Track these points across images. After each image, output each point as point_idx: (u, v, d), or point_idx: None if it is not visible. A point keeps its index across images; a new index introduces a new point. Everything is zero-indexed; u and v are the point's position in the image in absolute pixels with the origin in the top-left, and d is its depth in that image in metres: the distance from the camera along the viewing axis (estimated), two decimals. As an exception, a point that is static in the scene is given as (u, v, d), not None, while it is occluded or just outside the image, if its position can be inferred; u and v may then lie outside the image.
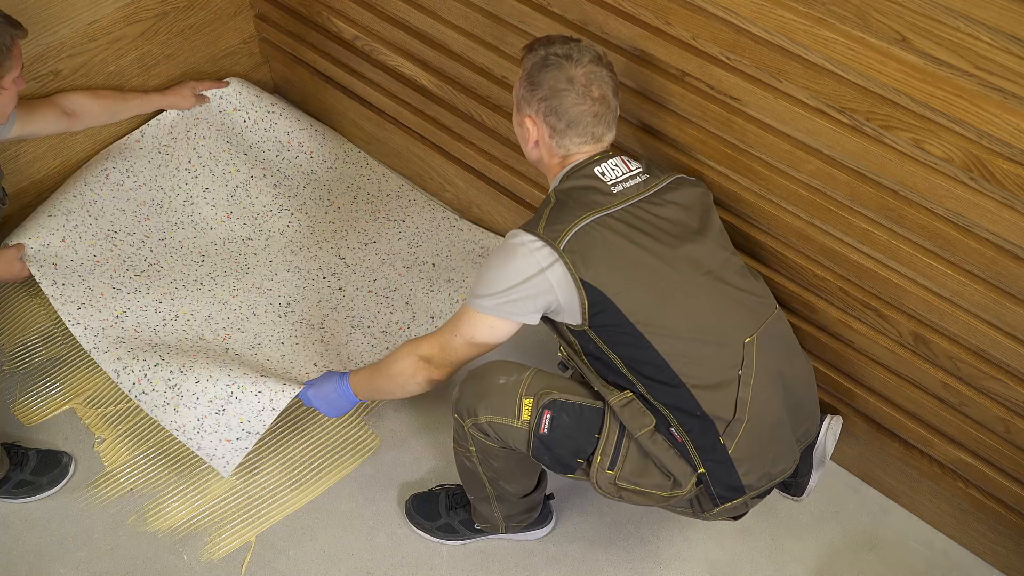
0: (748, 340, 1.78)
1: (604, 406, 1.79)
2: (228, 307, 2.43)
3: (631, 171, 1.82)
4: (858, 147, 1.72)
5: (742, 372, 1.76)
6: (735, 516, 1.90)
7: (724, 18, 1.77)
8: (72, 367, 2.43)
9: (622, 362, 1.76)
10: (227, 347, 2.32)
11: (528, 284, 1.73)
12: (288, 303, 2.49)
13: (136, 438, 2.32)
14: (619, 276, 1.72)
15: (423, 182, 2.81)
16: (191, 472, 2.27)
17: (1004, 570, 2.14)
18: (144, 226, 2.54)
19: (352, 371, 2.06)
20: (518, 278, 1.73)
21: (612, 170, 1.81)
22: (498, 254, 1.77)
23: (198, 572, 2.13)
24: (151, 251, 2.50)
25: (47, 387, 2.41)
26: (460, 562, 2.15)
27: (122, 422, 2.34)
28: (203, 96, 2.72)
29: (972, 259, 1.72)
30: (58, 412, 2.37)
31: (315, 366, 2.33)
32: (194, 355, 2.23)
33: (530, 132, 1.85)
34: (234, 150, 2.71)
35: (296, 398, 2.14)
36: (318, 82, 2.85)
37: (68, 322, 2.26)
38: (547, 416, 1.77)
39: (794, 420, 1.87)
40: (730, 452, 1.75)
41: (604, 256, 1.72)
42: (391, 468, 2.30)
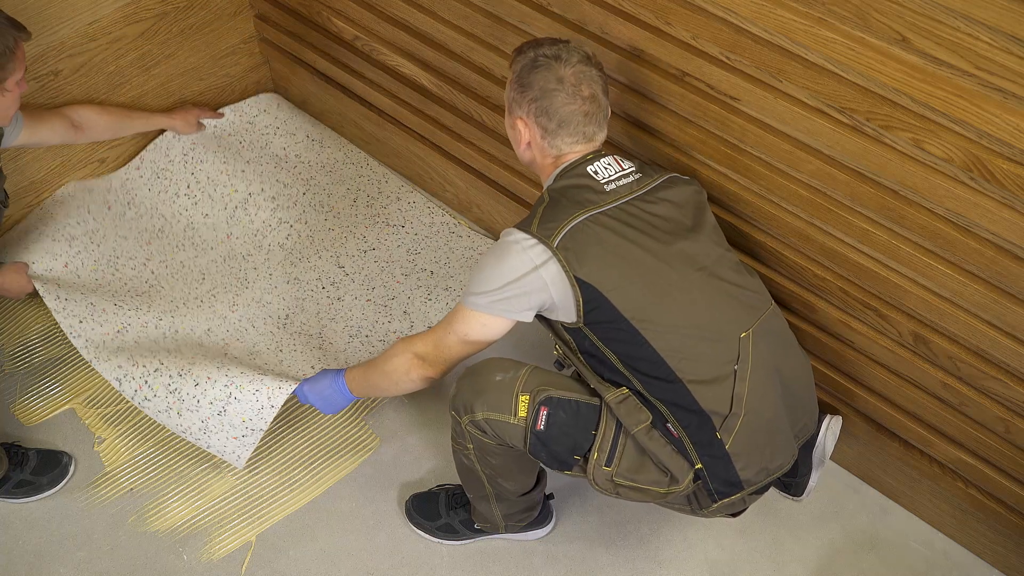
0: (744, 335, 1.78)
1: (600, 403, 1.80)
2: (227, 321, 2.45)
3: (624, 170, 1.83)
4: (858, 147, 1.72)
5: (738, 367, 1.76)
6: (733, 513, 1.90)
7: (724, 18, 1.77)
8: (72, 367, 2.43)
9: (618, 359, 1.76)
10: (225, 353, 2.33)
11: (521, 282, 1.73)
12: (287, 315, 2.50)
13: (136, 438, 2.32)
14: (613, 273, 1.72)
15: (423, 182, 2.81)
16: (191, 472, 2.27)
17: (1004, 570, 2.14)
18: (146, 250, 2.57)
19: (348, 368, 2.06)
20: (512, 276, 1.74)
21: (605, 169, 1.81)
22: (492, 252, 1.78)
23: (198, 572, 2.13)
24: (152, 272, 2.53)
25: (47, 387, 2.41)
26: (460, 562, 2.15)
27: (122, 422, 2.34)
28: (201, 124, 2.77)
29: (972, 259, 1.72)
30: (58, 412, 2.37)
31: (312, 368, 2.35)
32: (192, 358, 2.25)
33: (522, 134, 1.85)
34: (231, 170, 2.74)
35: (293, 395, 2.15)
36: (318, 82, 2.85)
37: (70, 334, 2.28)
38: (543, 413, 1.77)
39: (792, 415, 1.87)
40: (727, 447, 1.75)
41: (598, 253, 1.72)
42: (391, 468, 2.30)
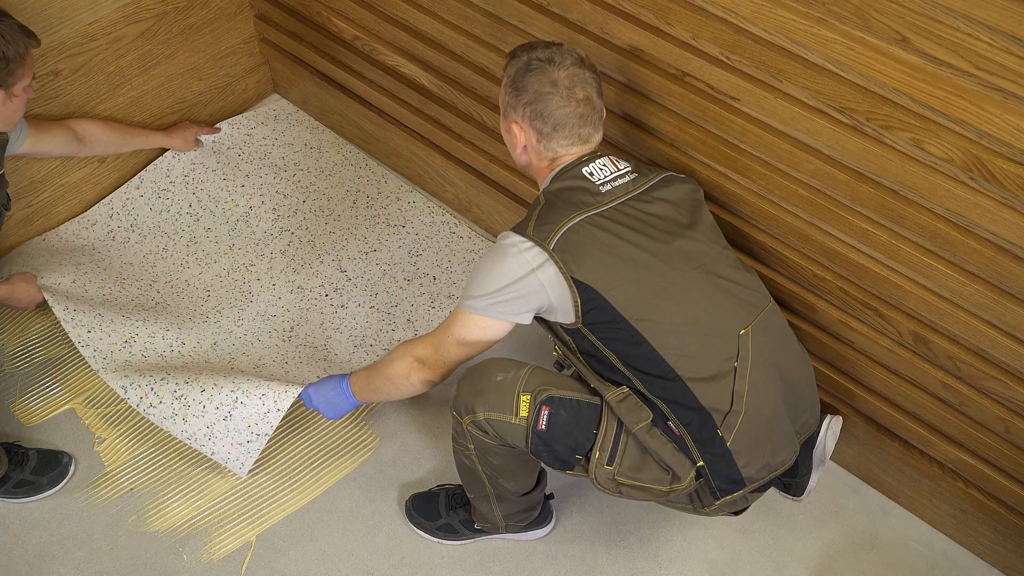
0: (743, 332, 1.78)
1: (602, 402, 1.80)
2: (233, 336, 2.46)
3: (619, 170, 1.83)
4: (858, 147, 1.72)
5: (738, 364, 1.76)
6: (735, 511, 1.90)
7: (724, 18, 1.77)
8: (72, 367, 2.43)
9: (617, 358, 1.76)
10: (232, 367, 2.34)
11: (519, 284, 1.74)
12: (292, 327, 2.51)
13: (136, 438, 2.32)
14: (610, 272, 1.73)
15: (423, 182, 2.81)
16: (191, 472, 2.27)
17: (1004, 570, 2.14)
18: (151, 272, 2.60)
19: (352, 372, 2.07)
20: (509, 279, 1.74)
21: (600, 170, 1.81)
22: (489, 255, 1.78)
23: (198, 572, 2.13)
24: (158, 292, 2.55)
25: (47, 387, 2.41)
26: (460, 562, 2.15)
27: (122, 422, 2.34)
28: (198, 141, 2.79)
29: (972, 259, 1.72)
30: (58, 412, 2.37)
31: (317, 378, 2.35)
32: (199, 369, 2.27)
33: (517, 137, 1.86)
34: (231, 185, 2.77)
35: (298, 399, 2.15)
36: (318, 82, 2.85)
37: (78, 344, 2.29)
38: (545, 412, 1.77)
39: (792, 411, 1.87)
40: (729, 444, 1.75)
41: (594, 254, 1.73)
42: (391, 468, 2.30)
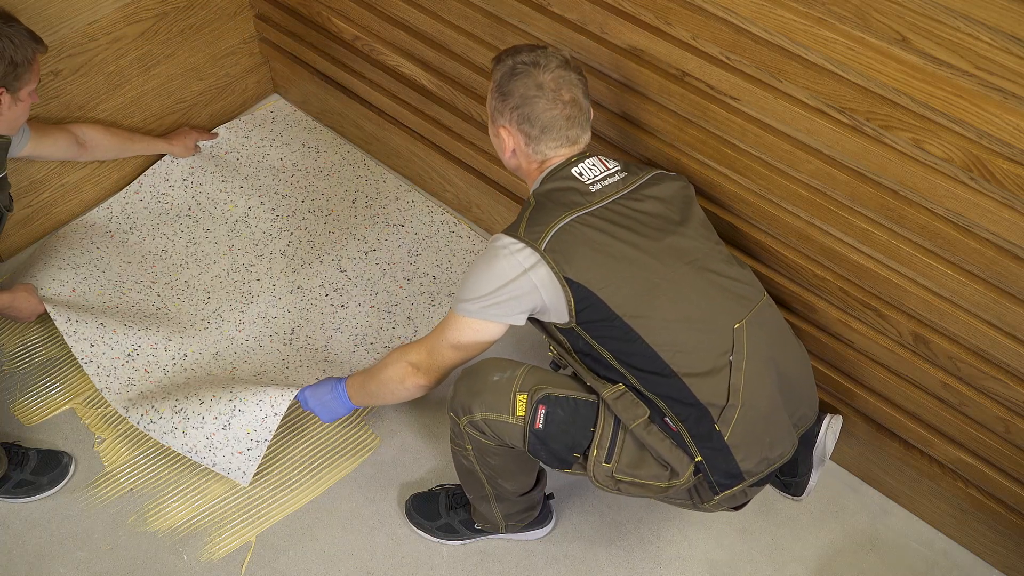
0: (737, 326, 1.78)
1: (598, 399, 1.80)
2: (235, 342, 2.46)
3: (609, 170, 1.84)
4: (858, 147, 1.72)
5: (733, 358, 1.77)
6: (735, 506, 1.90)
7: (724, 18, 1.77)
8: (72, 367, 2.43)
9: (612, 356, 1.77)
10: (233, 377, 2.35)
11: (512, 286, 1.74)
12: (292, 329, 2.51)
13: (136, 438, 2.32)
14: (602, 271, 1.73)
15: (423, 182, 2.81)
16: (191, 472, 2.27)
17: (1004, 570, 2.14)
18: (150, 273, 2.59)
19: (349, 376, 2.07)
20: (501, 280, 1.75)
21: (589, 170, 1.82)
22: (481, 258, 1.79)
23: (198, 572, 2.13)
24: (158, 295, 2.54)
25: (47, 387, 2.41)
26: (460, 562, 2.15)
27: (122, 422, 2.34)
28: (197, 147, 2.81)
29: (972, 259, 1.72)
30: (58, 412, 2.37)
31: (316, 379, 2.35)
32: (199, 384, 2.27)
33: (506, 142, 1.87)
34: (230, 187, 2.78)
35: (295, 401, 2.15)
36: (318, 82, 2.85)
37: (82, 361, 2.29)
38: (542, 411, 1.78)
39: (789, 405, 1.87)
40: (726, 439, 1.75)
41: (586, 252, 1.73)
42: (391, 468, 2.30)
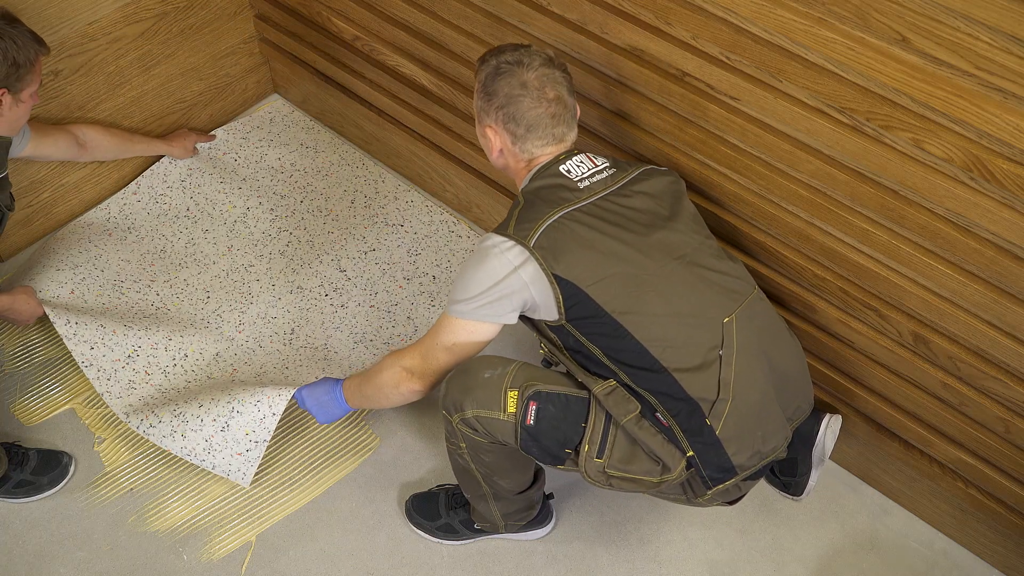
0: (727, 320, 1.79)
1: (589, 395, 1.80)
2: (235, 343, 2.45)
3: (597, 166, 1.84)
4: (858, 147, 1.72)
5: (723, 352, 1.77)
6: (730, 501, 1.90)
7: (724, 18, 1.77)
8: (72, 367, 2.43)
9: (602, 353, 1.77)
10: (233, 379, 2.35)
11: (503, 284, 1.74)
12: (292, 329, 2.51)
13: (136, 438, 2.32)
14: (591, 267, 1.74)
15: (423, 182, 2.81)
16: (191, 472, 2.27)
17: (1004, 570, 2.14)
18: (149, 271, 2.58)
19: (346, 378, 2.07)
20: (493, 280, 1.75)
21: (577, 167, 1.83)
22: (472, 259, 1.79)
23: (198, 572, 2.13)
24: (157, 295, 2.53)
25: (47, 387, 2.41)
26: (460, 562, 2.15)
27: (122, 422, 2.34)
28: (195, 149, 2.81)
29: (972, 259, 1.72)
30: (58, 412, 2.37)
31: (315, 378, 2.35)
32: (199, 387, 2.27)
33: (492, 141, 1.88)
34: (228, 188, 2.77)
35: (293, 400, 2.15)
36: (318, 82, 2.85)
37: (82, 364, 2.29)
38: (533, 407, 1.78)
39: (783, 398, 1.87)
40: (718, 433, 1.75)
41: (574, 249, 1.74)
42: (391, 468, 2.30)
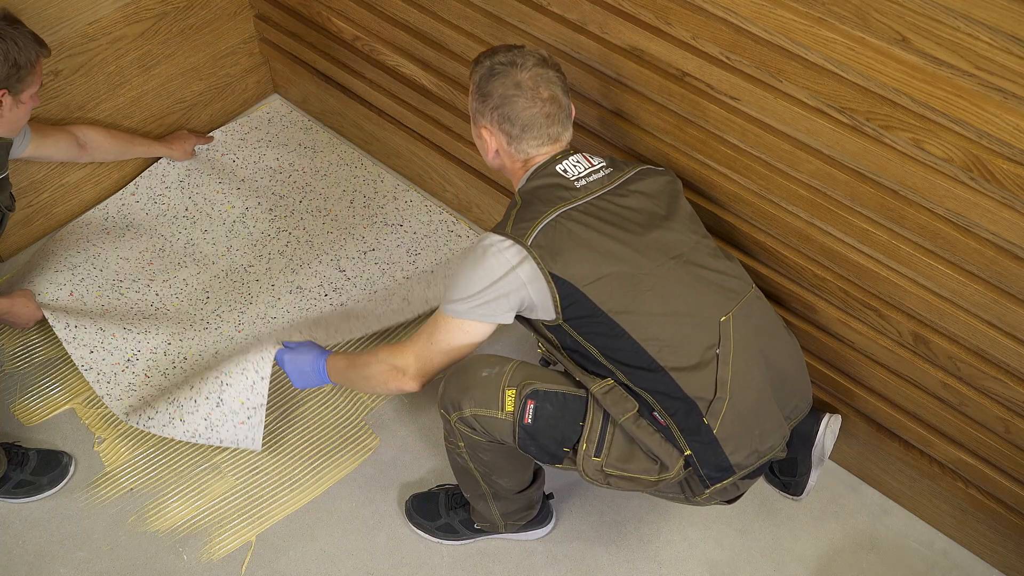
0: (724, 319, 1.79)
1: (587, 394, 1.80)
2: (234, 343, 2.45)
3: (593, 166, 1.85)
4: (858, 147, 1.72)
5: (720, 351, 1.77)
6: (728, 500, 1.90)
7: (724, 18, 1.77)
8: (72, 367, 2.43)
9: (599, 352, 1.77)
10: (216, 355, 2.35)
11: (500, 284, 1.74)
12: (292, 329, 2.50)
13: (136, 438, 2.32)
14: (588, 266, 1.74)
15: (423, 182, 2.81)
16: (191, 472, 2.27)
17: (1004, 570, 2.14)
18: (148, 270, 2.58)
19: (332, 353, 2.05)
20: (490, 279, 1.75)
21: (574, 166, 1.83)
22: (469, 258, 1.79)
23: (198, 572, 2.13)
24: (156, 294, 2.53)
25: (47, 387, 2.41)
26: (460, 562, 2.15)
27: (122, 422, 2.34)
28: (194, 151, 2.82)
29: (972, 259, 1.72)
30: (58, 412, 2.37)
31: (300, 335, 2.39)
32: (190, 375, 2.28)
33: (488, 142, 1.88)
34: (227, 189, 2.77)
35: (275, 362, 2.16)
36: (318, 82, 2.85)
37: (81, 367, 2.29)
38: (530, 406, 1.78)
39: (781, 396, 1.87)
40: (715, 432, 1.76)
41: (571, 248, 1.74)
42: (391, 468, 2.30)
